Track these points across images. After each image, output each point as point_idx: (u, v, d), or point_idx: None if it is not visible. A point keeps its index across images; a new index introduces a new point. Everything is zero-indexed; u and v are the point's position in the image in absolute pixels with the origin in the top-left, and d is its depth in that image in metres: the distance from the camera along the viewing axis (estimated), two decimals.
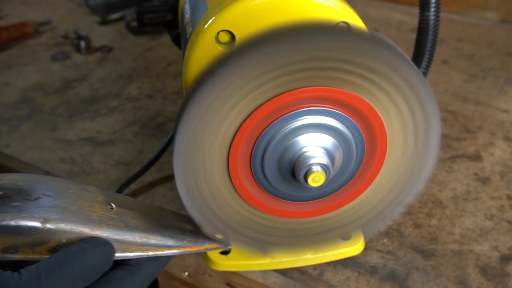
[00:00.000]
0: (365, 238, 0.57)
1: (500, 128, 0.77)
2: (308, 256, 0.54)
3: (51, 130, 0.79)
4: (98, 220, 0.41)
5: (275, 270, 0.55)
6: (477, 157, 0.71)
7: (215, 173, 0.43)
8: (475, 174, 0.69)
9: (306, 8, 0.41)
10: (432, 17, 0.58)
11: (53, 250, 0.39)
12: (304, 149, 0.42)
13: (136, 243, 0.42)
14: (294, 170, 0.42)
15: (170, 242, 0.44)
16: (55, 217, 0.39)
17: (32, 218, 0.38)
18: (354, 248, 0.56)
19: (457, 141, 0.75)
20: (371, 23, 1.10)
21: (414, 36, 0.60)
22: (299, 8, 0.41)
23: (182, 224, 0.46)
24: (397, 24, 1.10)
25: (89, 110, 0.84)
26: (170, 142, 0.67)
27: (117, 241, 0.41)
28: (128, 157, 0.73)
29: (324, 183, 0.42)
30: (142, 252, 0.42)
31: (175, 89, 0.90)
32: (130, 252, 0.42)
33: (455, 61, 0.95)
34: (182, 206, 0.43)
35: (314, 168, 0.41)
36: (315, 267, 0.56)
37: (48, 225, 0.38)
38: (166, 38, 1.05)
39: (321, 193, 0.46)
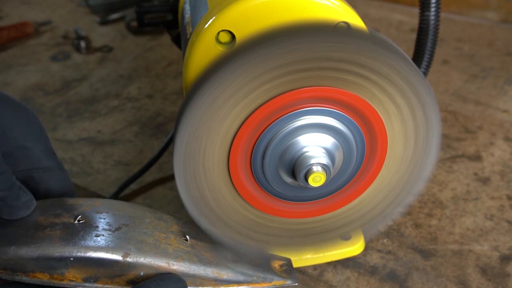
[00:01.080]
0: (365, 238, 0.57)
1: (500, 128, 0.77)
2: (308, 256, 0.55)
3: (51, 130, 0.79)
4: (174, 254, 0.42)
5: None
6: (477, 157, 0.71)
7: (215, 173, 0.43)
8: (475, 174, 0.69)
9: (306, 8, 0.41)
10: (432, 17, 0.58)
11: (131, 282, 0.40)
12: (304, 149, 0.42)
13: (208, 278, 0.43)
14: (294, 170, 0.42)
15: (240, 277, 0.45)
16: (135, 251, 0.40)
17: (114, 252, 0.39)
18: (354, 248, 0.56)
19: (457, 141, 0.75)
20: (371, 23, 1.10)
21: (414, 36, 0.60)
22: (299, 8, 0.41)
23: (252, 257, 0.47)
24: (397, 24, 1.10)
25: (89, 110, 0.84)
26: (170, 142, 0.67)
27: (191, 276, 0.42)
28: (128, 157, 0.73)
29: (324, 183, 0.42)
30: (214, 287, 0.44)
31: (175, 89, 0.90)
32: (202, 286, 0.43)
33: (455, 61, 0.95)
34: (182, 206, 0.43)
35: (315, 168, 0.41)
36: (315, 267, 0.56)
37: (128, 259, 0.40)
38: (166, 38, 1.05)
39: (322, 193, 0.46)
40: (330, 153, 0.42)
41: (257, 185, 0.44)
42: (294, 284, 0.47)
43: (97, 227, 0.41)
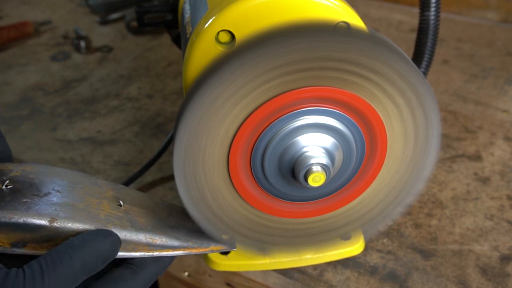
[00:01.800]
0: (365, 238, 0.57)
1: (500, 128, 0.77)
2: (308, 256, 0.54)
3: (51, 130, 0.79)
4: (105, 220, 0.41)
5: (275, 270, 0.55)
6: (477, 157, 0.71)
7: (215, 173, 0.43)
8: (475, 174, 0.68)
9: (306, 8, 0.41)
10: (432, 17, 0.58)
11: None
12: (304, 149, 0.42)
13: (141, 243, 0.42)
14: (294, 170, 0.42)
15: (175, 243, 0.44)
16: (63, 216, 0.39)
17: (40, 217, 0.39)
18: (354, 248, 0.56)
19: (457, 141, 0.75)
20: (371, 23, 1.10)
21: (414, 36, 0.60)
22: (299, 8, 0.41)
23: (189, 224, 0.46)
24: (397, 24, 1.10)
25: (89, 110, 0.84)
26: (170, 142, 0.67)
27: (123, 241, 0.41)
28: (128, 157, 0.73)
29: (324, 183, 0.42)
30: (147, 252, 0.43)
31: (175, 89, 0.90)
32: (136, 251, 0.42)
33: (455, 61, 0.95)
34: (182, 206, 0.43)
35: (314, 168, 0.41)
36: (315, 267, 0.56)
37: (55, 224, 0.39)
38: (166, 38, 1.05)
39: (321, 193, 0.46)
40: (330, 153, 0.42)
41: (256, 185, 0.44)
42: (233, 249, 0.47)
43: (25, 192, 0.40)
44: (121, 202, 0.44)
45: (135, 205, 0.45)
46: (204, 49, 0.42)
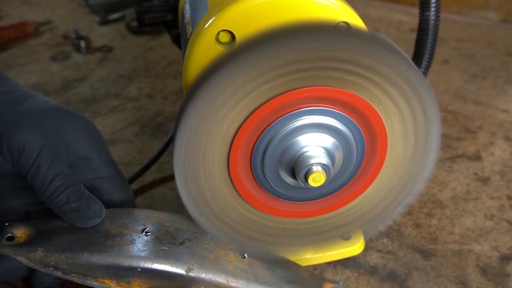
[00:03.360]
0: (365, 238, 0.57)
1: (500, 128, 0.77)
2: (308, 256, 0.54)
3: None
4: (233, 272, 0.44)
5: None
6: (477, 157, 0.71)
7: (215, 172, 0.43)
8: (475, 174, 0.69)
9: (306, 8, 0.41)
10: (432, 17, 0.58)
11: None
12: (304, 149, 0.42)
13: None
14: (294, 170, 0.42)
15: None
16: (197, 267, 0.42)
17: (178, 266, 0.42)
18: (354, 248, 0.56)
19: (457, 141, 0.75)
20: (371, 23, 1.10)
21: (414, 36, 0.60)
22: (299, 8, 0.41)
23: (304, 278, 0.48)
24: (397, 24, 1.10)
25: (89, 110, 0.84)
26: (170, 142, 0.67)
27: None
28: (128, 157, 0.73)
29: (324, 183, 0.42)
30: None
31: (175, 89, 0.90)
32: None
33: (455, 61, 0.95)
34: (182, 206, 0.43)
35: (315, 168, 0.41)
36: (315, 267, 0.56)
37: (191, 274, 0.42)
38: (166, 38, 1.05)
39: (322, 193, 0.46)
40: (330, 153, 0.42)
41: (257, 185, 0.44)
42: None
43: (163, 240, 0.43)
44: (245, 255, 0.47)
45: (257, 259, 0.47)
46: (204, 49, 0.42)
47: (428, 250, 0.58)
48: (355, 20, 0.42)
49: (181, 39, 0.57)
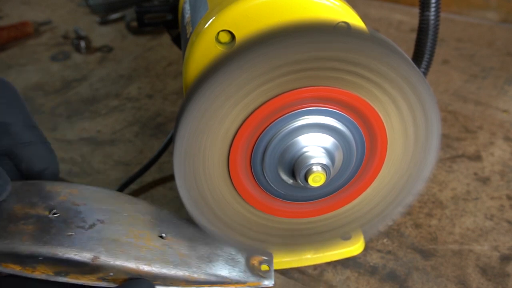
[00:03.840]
0: (365, 238, 0.57)
1: (500, 128, 0.77)
2: (308, 256, 0.55)
3: (51, 130, 0.79)
4: (146, 256, 0.42)
5: (275, 270, 0.55)
6: (477, 157, 0.71)
7: (215, 172, 0.43)
8: (475, 174, 0.69)
9: (306, 8, 0.41)
10: (432, 17, 0.58)
11: (102, 279, 0.41)
12: (304, 149, 0.42)
13: (179, 279, 0.43)
14: (294, 170, 0.42)
15: (213, 278, 0.45)
16: (105, 254, 0.40)
17: (83, 254, 0.40)
18: (354, 248, 0.56)
19: (457, 141, 0.75)
20: (371, 23, 1.10)
21: (414, 36, 0.60)
22: (299, 8, 0.41)
23: (229, 253, 0.47)
24: (397, 24, 1.10)
25: (89, 110, 0.84)
26: (170, 142, 0.67)
27: (161, 277, 0.42)
28: (128, 157, 0.73)
29: (324, 183, 0.42)
30: (184, 287, 0.44)
31: (175, 89, 0.90)
32: (173, 286, 0.43)
33: (455, 61, 0.95)
34: (182, 206, 0.43)
35: (315, 168, 0.41)
36: (315, 267, 0.56)
37: (97, 262, 0.40)
38: (166, 38, 1.05)
39: (321, 193, 0.46)
40: (330, 153, 0.42)
41: (257, 185, 0.44)
42: (270, 285, 0.47)
43: (71, 223, 0.41)
44: (163, 235, 0.44)
45: (176, 236, 0.45)
46: (204, 49, 0.42)
47: (428, 250, 0.58)
48: (355, 20, 0.42)
49: (181, 39, 0.57)
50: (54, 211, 0.41)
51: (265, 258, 0.48)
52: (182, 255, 0.44)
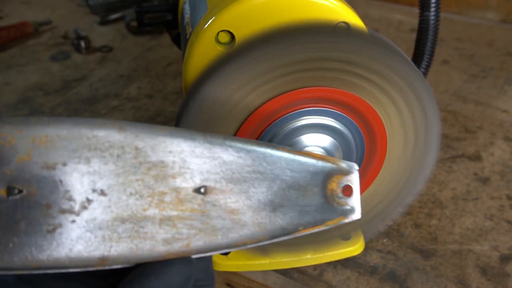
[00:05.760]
0: (365, 238, 0.57)
1: (500, 128, 0.77)
2: (308, 256, 0.54)
3: None
4: (182, 231, 0.30)
5: (275, 270, 0.55)
6: (477, 157, 0.71)
7: None
8: (475, 174, 0.68)
9: (306, 8, 0.41)
10: (432, 17, 0.58)
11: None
12: (304, 149, 0.42)
13: (232, 245, 0.32)
14: None
15: (278, 232, 0.32)
16: (117, 247, 0.28)
17: (80, 262, 0.27)
18: (354, 248, 0.56)
19: (457, 141, 0.75)
20: (371, 23, 1.10)
21: (414, 36, 0.60)
22: (299, 8, 0.41)
23: (300, 186, 0.33)
24: (397, 24, 1.10)
25: (89, 110, 0.84)
26: None
27: (209, 249, 0.31)
28: None
29: None
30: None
31: (175, 89, 0.90)
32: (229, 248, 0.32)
33: (455, 61, 0.95)
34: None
35: None
36: (315, 267, 0.56)
37: (108, 262, 0.28)
38: (166, 38, 1.05)
39: None
40: (329, 153, 0.42)
41: None
42: (357, 218, 0.34)
43: (49, 207, 0.26)
44: (201, 187, 0.30)
45: (220, 181, 0.30)
46: (204, 50, 0.42)
47: (428, 250, 0.58)
48: (355, 20, 0.42)
49: (181, 39, 0.57)
50: (16, 186, 0.25)
51: (345, 176, 0.34)
52: (232, 211, 0.31)
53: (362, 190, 0.47)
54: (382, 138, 0.44)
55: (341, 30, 0.37)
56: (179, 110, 0.39)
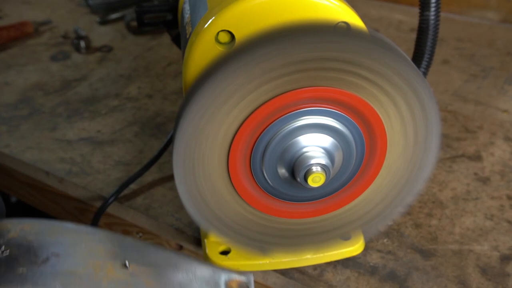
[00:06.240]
0: (365, 238, 0.57)
1: (500, 128, 0.77)
2: (308, 256, 0.54)
3: (50, 130, 0.79)
4: None
5: (275, 270, 0.55)
6: (477, 157, 0.71)
7: (215, 173, 0.43)
8: (475, 174, 0.68)
9: (306, 8, 0.41)
10: (432, 17, 0.58)
11: None
12: (304, 150, 0.42)
13: None
14: (294, 170, 0.42)
15: None
16: None
17: None
18: (354, 248, 0.56)
19: (457, 141, 0.75)
20: (371, 23, 1.10)
21: (414, 36, 0.60)
22: (299, 8, 0.41)
23: (202, 277, 0.43)
24: (397, 24, 1.10)
25: (89, 110, 0.84)
26: (170, 142, 0.67)
27: None
28: (128, 157, 0.73)
29: (324, 183, 0.42)
30: None
31: (175, 89, 0.90)
32: None
33: (455, 61, 0.95)
34: (181, 206, 0.43)
35: (314, 168, 0.41)
36: (315, 267, 0.56)
37: None
38: (166, 38, 1.05)
39: (321, 193, 0.46)
40: (329, 154, 0.42)
41: (256, 186, 0.44)
42: None
43: (22, 260, 0.38)
44: (127, 263, 0.41)
45: (142, 264, 0.41)
46: (203, 49, 0.42)
47: (428, 250, 0.58)
48: (355, 20, 0.42)
49: (180, 39, 0.57)
50: (3, 247, 0.38)
51: (244, 280, 0.44)
52: (149, 282, 0.40)
53: (362, 190, 0.47)
54: (382, 138, 0.44)
55: (341, 30, 0.37)
56: (179, 110, 0.39)
